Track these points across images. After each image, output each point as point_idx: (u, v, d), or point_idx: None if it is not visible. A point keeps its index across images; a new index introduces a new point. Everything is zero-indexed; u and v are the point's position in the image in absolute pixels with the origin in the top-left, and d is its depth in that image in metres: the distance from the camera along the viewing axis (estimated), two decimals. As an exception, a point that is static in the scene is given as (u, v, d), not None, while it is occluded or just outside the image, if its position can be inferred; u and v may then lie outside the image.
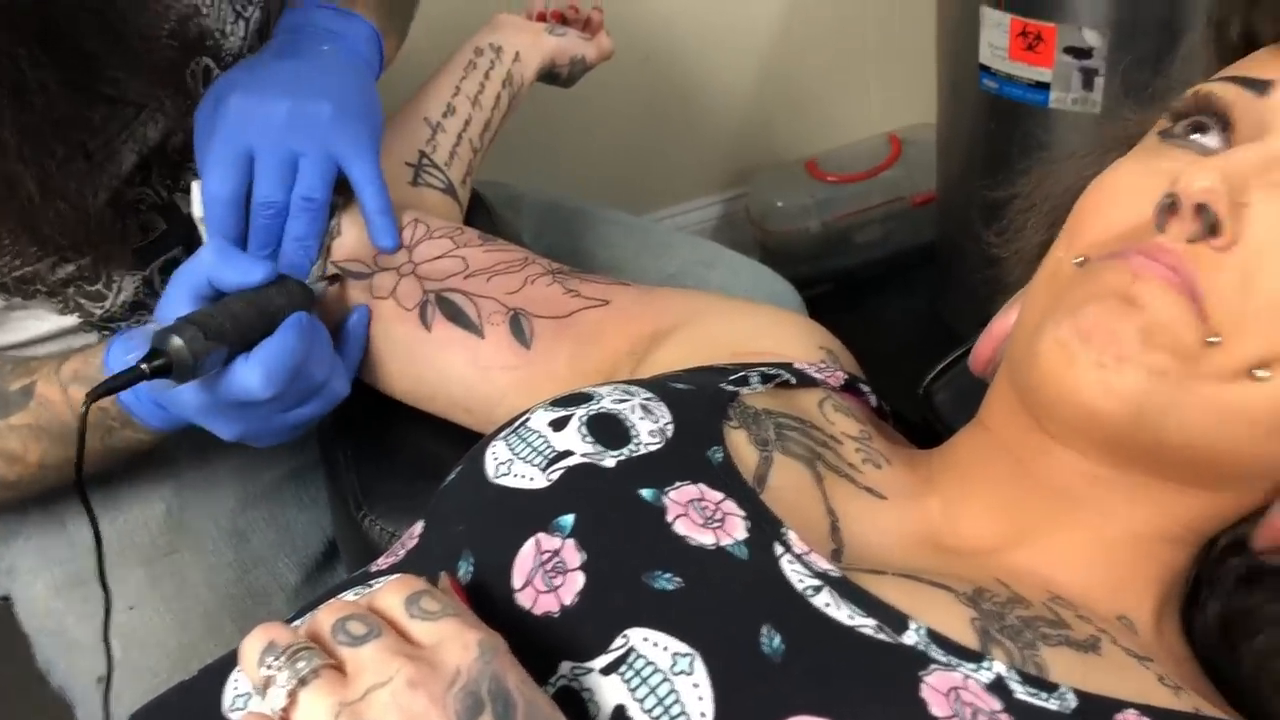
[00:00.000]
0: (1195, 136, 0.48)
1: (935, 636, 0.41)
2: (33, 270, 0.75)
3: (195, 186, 0.70)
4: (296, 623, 0.43)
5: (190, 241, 0.81)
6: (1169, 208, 0.44)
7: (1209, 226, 0.43)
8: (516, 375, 0.64)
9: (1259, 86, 0.47)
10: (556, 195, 1.09)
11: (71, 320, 0.80)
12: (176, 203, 0.79)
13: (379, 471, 0.74)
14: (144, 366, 0.57)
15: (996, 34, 1.34)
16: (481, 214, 0.85)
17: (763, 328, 0.61)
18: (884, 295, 1.78)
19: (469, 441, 0.67)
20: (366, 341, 0.69)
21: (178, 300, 0.62)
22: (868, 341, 0.82)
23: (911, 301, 1.77)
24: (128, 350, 0.68)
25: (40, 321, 0.79)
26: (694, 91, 1.67)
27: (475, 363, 0.65)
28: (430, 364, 0.66)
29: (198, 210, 0.70)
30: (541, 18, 0.95)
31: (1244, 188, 0.43)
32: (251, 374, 0.61)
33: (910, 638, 0.41)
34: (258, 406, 0.63)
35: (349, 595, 0.47)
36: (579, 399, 0.49)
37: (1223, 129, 0.47)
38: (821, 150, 1.76)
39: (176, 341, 0.57)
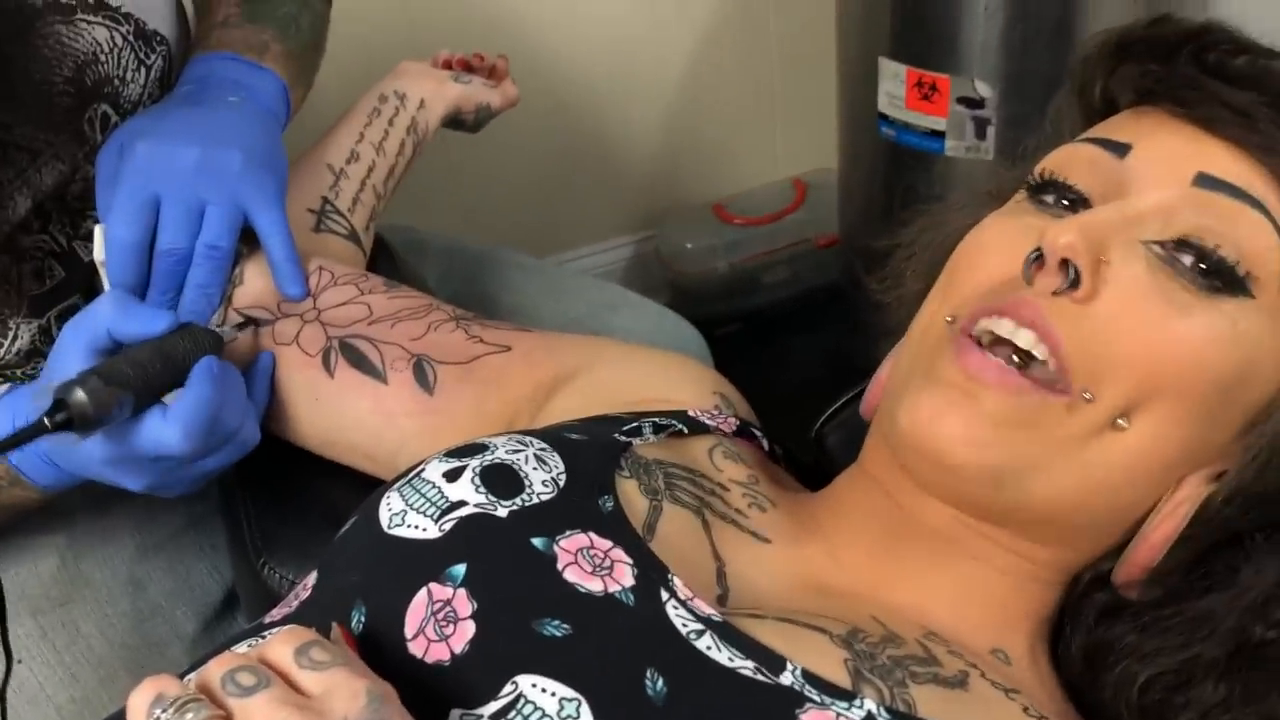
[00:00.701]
0: (1051, 198, 0.51)
1: (810, 677, 0.42)
2: (-75, 317, 0.74)
3: (98, 231, 0.69)
4: (188, 676, 0.43)
5: (90, 289, 0.81)
6: (1035, 261, 0.47)
7: (1071, 281, 0.46)
8: (419, 422, 0.65)
9: (1118, 149, 0.50)
10: (460, 240, 1.10)
11: (-36, 367, 0.78)
12: (75, 250, 0.79)
13: (279, 519, 0.74)
14: (46, 421, 0.55)
15: (894, 84, 1.39)
16: (385, 259, 0.85)
17: (658, 374, 0.63)
18: (792, 334, 1.81)
19: (371, 488, 0.67)
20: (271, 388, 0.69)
21: (73, 353, 0.61)
22: (777, 380, 0.85)
23: (818, 340, 1.81)
24: (14, 411, 0.67)
25: (-66, 367, 0.78)
26: (603, 136, 1.69)
27: (378, 409, 0.65)
28: (333, 410, 0.67)
29: (99, 255, 0.69)
30: (447, 65, 0.96)
31: (1105, 245, 0.47)
32: (169, 429, 0.60)
33: (787, 678, 0.42)
34: (167, 459, 0.62)
35: (241, 647, 0.47)
36: (473, 449, 0.50)
37: (1076, 196, 0.51)
38: (728, 194, 1.80)
39: (79, 395, 0.55)
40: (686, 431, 0.57)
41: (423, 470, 0.50)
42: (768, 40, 1.68)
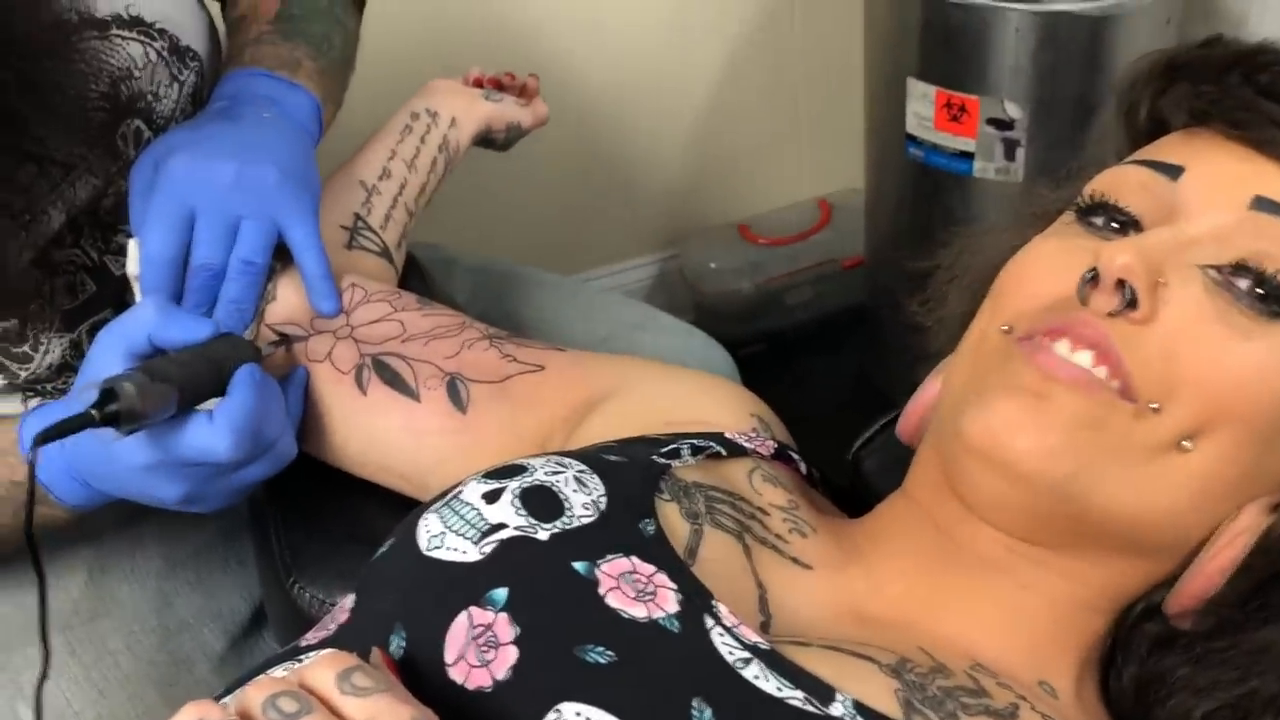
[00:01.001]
0: (1101, 220, 0.50)
1: (861, 708, 0.42)
2: (-43, 330, 0.74)
3: (132, 245, 0.69)
4: (225, 700, 0.42)
5: (120, 304, 0.80)
6: (1091, 281, 0.46)
7: (1128, 301, 0.45)
8: (452, 440, 0.64)
9: (1171, 171, 0.50)
10: (488, 258, 1.10)
11: (-2, 380, 0.78)
12: (107, 264, 0.79)
13: (309, 537, 0.73)
14: (94, 412, 0.54)
15: (922, 104, 1.38)
16: (416, 277, 0.85)
17: (694, 395, 0.62)
18: (815, 356, 1.81)
19: (403, 508, 0.66)
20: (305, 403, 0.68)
21: (110, 357, 0.60)
22: (799, 402, 0.84)
23: (841, 362, 1.80)
24: (40, 421, 0.66)
25: (-37, 382, 0.78)
26: (628, 154, 1.69)
27: (411, 427, 0.65)
28: (365, 428, 0.66)
29: (133, 268, 0.69)
30: (478, 83, 0.96)
31: (1160, 268, 0.46)
32: (215, 432, 0.59)
33: (837, 709, 0.41)
34: (209, 467, 0.61)
35: (278, 671, 0.46)
36: (512, 471, 0.50)
37: (1127, 218, 0.50)
38: (754, 214, 1.79)
39: (128, 387, 0.54)
40: (725, 454, 0.56)
41: (461, 492, 0.49)
42: (793, 59, 1.68)
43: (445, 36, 1.43)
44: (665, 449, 0.54)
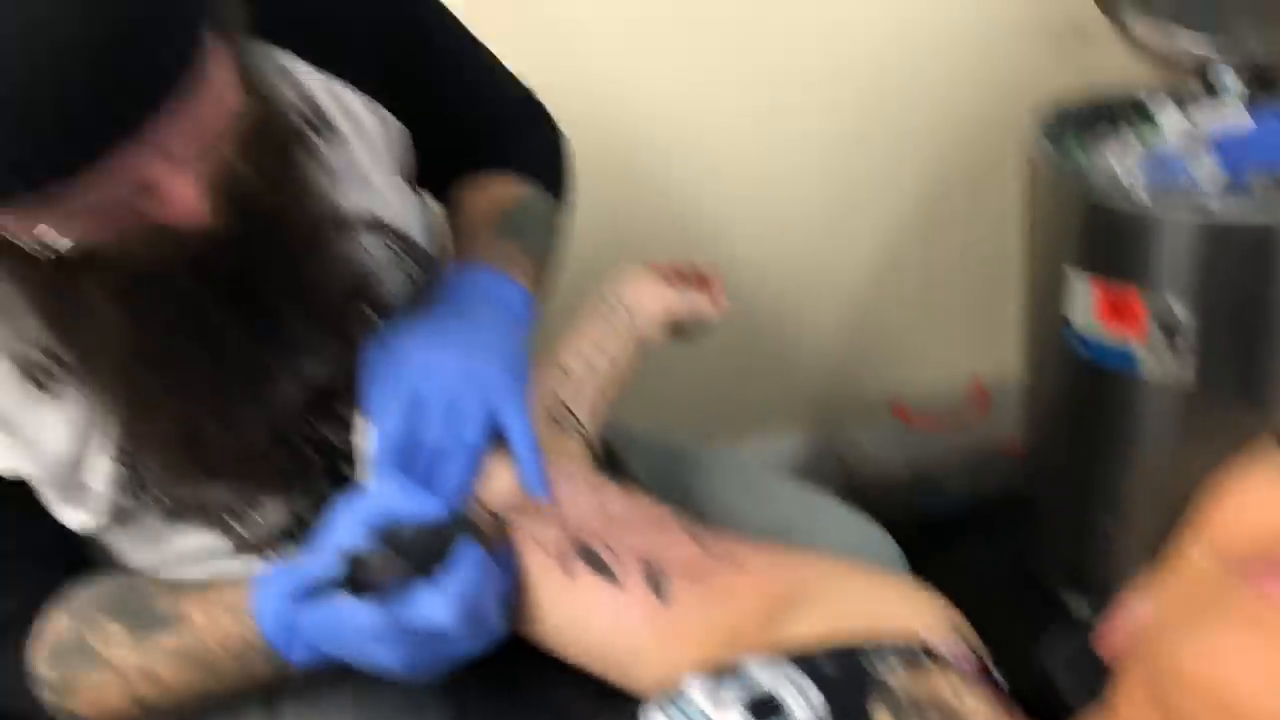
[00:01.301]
0: None
1: None
2: (195, 493, 0.80)
3: (364, 424, 0.75)
4: None
5: (339, 477, 0.87)
6: None
7: None
8: (653, 630, 0.67)
9: None
10: (662, 435, 1.13)
11: (220, 542, 0.85)
12: (330, 439, 0.85)
13: (502, 712, 0.76)
14: (339, 577, 0.59)
15: (1083, 296, 1.38)
16: (610, 460, 0.89)
17: (896, 603, 0.64)
18: (969, 543, 1.78)
19: (596, 690, 0.69)
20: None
21: (350, 527, 0.66)
22: (954, 589, 0.84)
23: (998, 550, 1.77)
24: (278, 584, 0.71)
25: (191, 540, 0.84)
26: (784, 329, 1.73)
27: (613, 614, 0.68)
28: (570, 611, 0.69)
29: (364, 445, 0.75)
30: (664, 275, 1.02)
31: None
32: (442, 604, 0.63)
33: None
34: (432, 635, 0.65)
35: None
36: (733, 672, 0.52)
37: None
38: (908, 393, 1.81)
39: (369, 556, 0.60)
40: (929, 665, 0.57)
41: (686, 691, 0.52)
42: (953, 241, 1.71)
43: (623, 225, 1.51)
44: (874, 657, 0.56)
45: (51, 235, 0.57)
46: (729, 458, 1.10)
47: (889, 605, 0.63)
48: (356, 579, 0.59)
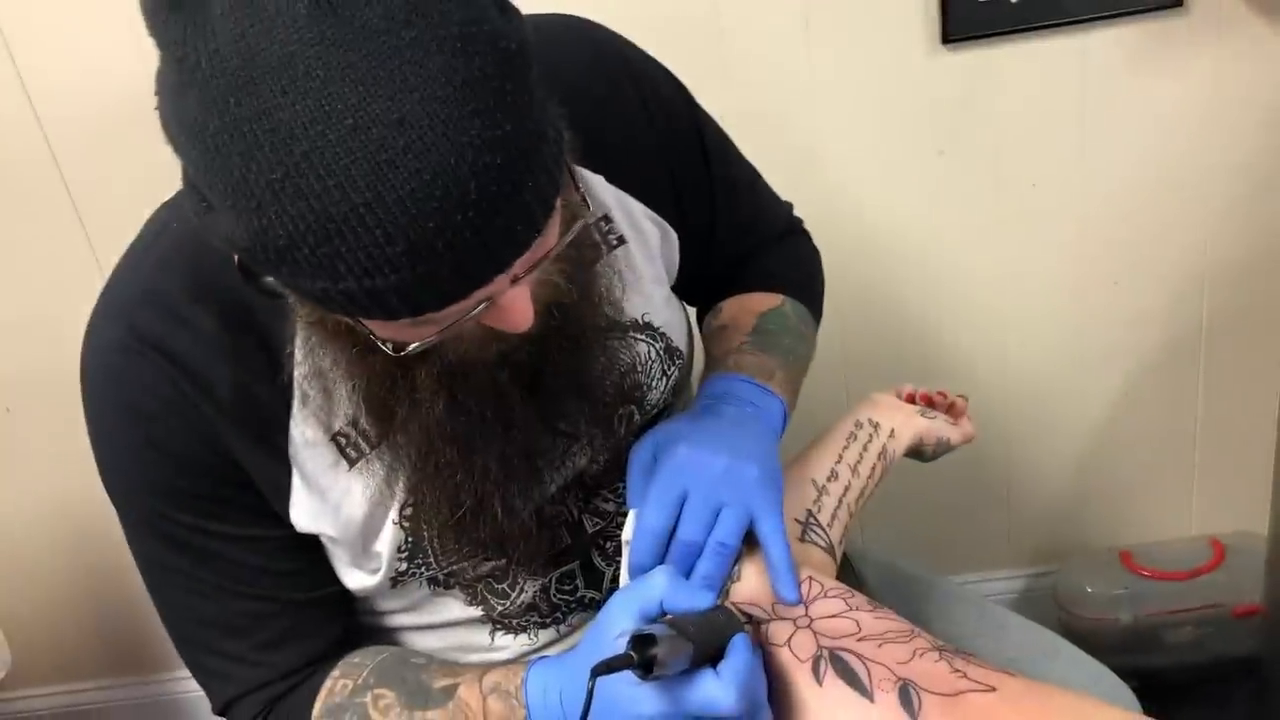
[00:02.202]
0: None
1: None
2: (461, 567, 0.86)
3: (632, 515, 0.80)
4: None
5: (587, 560, 0.91)
6: None
7: None
8: None
9: None
10: (893, 556, 1.14)
11: (476, 611, 0.90)
12: (584, 523, 0.90)
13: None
14: (633, 654, 0.61)
15: (1347, 460, 1.32)
16: (849, 574, 0.91)
17: None
18: (1195, 705, 1.68)
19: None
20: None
21: (624, 615, 0.69)
22: None
23: (1224, 716, 1.67)
24: (545, 678, 0.75)
25: (449, 609, 0.90)
26: (1015, 467, 1.71)
27: None
28: (817, 718, 0.71)
29: (628, 535, 0.79)
30: (911, 399, 1.04)
31: None
32: (724, 688, 0.65)
33: None
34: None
35: None
36: None
37: None
38: (1135, 542, 1.74)
39: (660, 635, 0.62)
40: None
41: None
42: (1195, 396, 1.66)
43: (850, 353, 1.54)
44: None
45: (403, 336, 0.64)
46: (958, 587, 1.10)
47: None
48: (653, 657, 0.61)
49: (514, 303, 0.63)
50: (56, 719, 1.89)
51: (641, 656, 0.61)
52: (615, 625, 0.69)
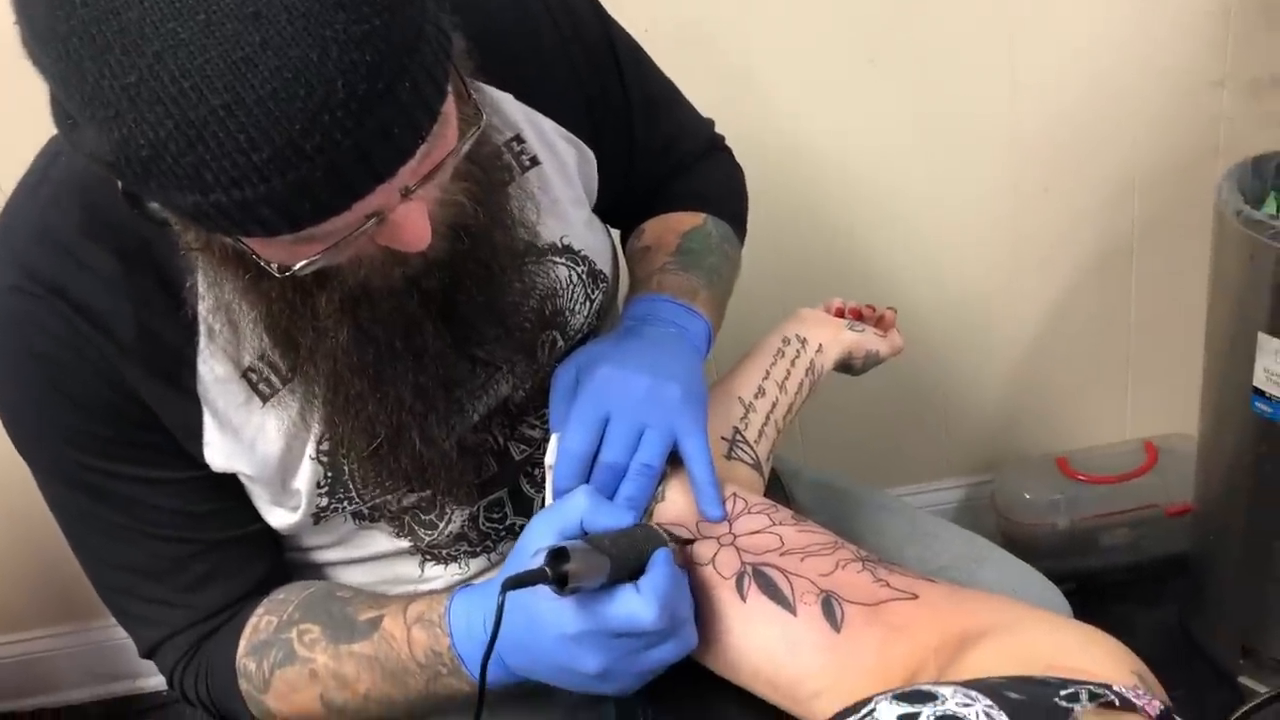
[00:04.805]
0: None
1: None
2: (384, 499, 0.85)
3: (553, 439, 0.79)
4: None
5: (515, 486, 0.90)
6: None
7: None
8: (824, 657, 0.67)
9: None
10: (827, 473, 1.14)
11: (404, 543, 0.89)
12: (509, 449, 0.89)
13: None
14: (546, 569, 0.60)
15: (1273, 361, 1.34)
16: (777, 489, 0.91)
17: (1078, 645, 0.63)
18: (1128, 603, 1.72)
19: (766, 713, 0.70)
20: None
21: (545, 536, 0.68)
22: None
23: (1158, 614, 1.71)
24: (469, 604, 0.74)
25: (376, 543, 0.89)
26: (951, 378, 1.72)
27: (785, 639, 0.69)
28: (742, 634, 0.71)
29: (550, 459, 0.78)
30: (840, 313, 1.03)
31: None
32: (643, 601, 0.65)
33: None
34: (630, 639, 0.67)
35: None
36: (923, 696, 0.52)
37: None
38: (1072, 448, 1.76)
39: (575, 549, 0.61)
40: (1118, 705, 0.57)
41: (874, 710, 0.52)
42: (1128, 301, 1.67)
43: (787, 274, 1.53)
44: (1065, 692, 0.55)
45: (289, 257, 0.62)
46: (892, 500, 1.10)
47: (1071, 648, 0.62)
48: (568, 571, 0.60)
49: (407, 218, 0.60)
50: None
51: (555, 571, 0.60)
52: (534, 545, 0.68)
